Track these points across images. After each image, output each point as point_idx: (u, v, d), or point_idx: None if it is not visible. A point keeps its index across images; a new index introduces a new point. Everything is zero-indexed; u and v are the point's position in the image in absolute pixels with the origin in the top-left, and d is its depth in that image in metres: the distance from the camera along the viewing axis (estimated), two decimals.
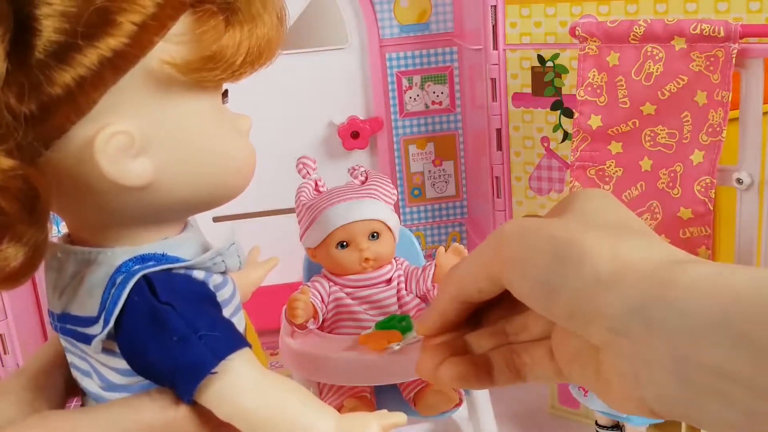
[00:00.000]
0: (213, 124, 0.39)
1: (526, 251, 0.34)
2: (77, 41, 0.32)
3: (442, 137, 1.18)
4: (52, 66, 0.32)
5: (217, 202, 0.41)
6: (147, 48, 0.34)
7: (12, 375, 0.42)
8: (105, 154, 0.35)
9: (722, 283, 0.28)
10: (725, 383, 0.27)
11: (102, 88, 0.34)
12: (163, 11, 0.34)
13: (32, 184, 0.33)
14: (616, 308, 0.30)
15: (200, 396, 0.37)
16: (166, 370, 0.37)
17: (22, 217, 0.33)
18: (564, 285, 0.32)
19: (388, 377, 0.77)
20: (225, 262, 0.40)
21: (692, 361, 0.28)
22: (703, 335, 0.28)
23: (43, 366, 0.43)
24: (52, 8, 0.32)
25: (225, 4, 0.36)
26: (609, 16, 0.90)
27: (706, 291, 0.28)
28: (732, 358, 0.27)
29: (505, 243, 0.35)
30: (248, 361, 0.38)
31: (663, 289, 0.29)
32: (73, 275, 0.39)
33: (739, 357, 0.27)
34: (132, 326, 0.37)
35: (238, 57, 0.36)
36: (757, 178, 0.80)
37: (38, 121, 0.33)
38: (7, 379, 0.42)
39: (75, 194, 0.37)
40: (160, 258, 0.38)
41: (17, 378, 0.42)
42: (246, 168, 0.41)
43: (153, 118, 0.36)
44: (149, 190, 0.37)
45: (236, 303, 0.42)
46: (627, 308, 0.30)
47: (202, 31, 0.35)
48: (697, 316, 0.28)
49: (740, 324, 0.27)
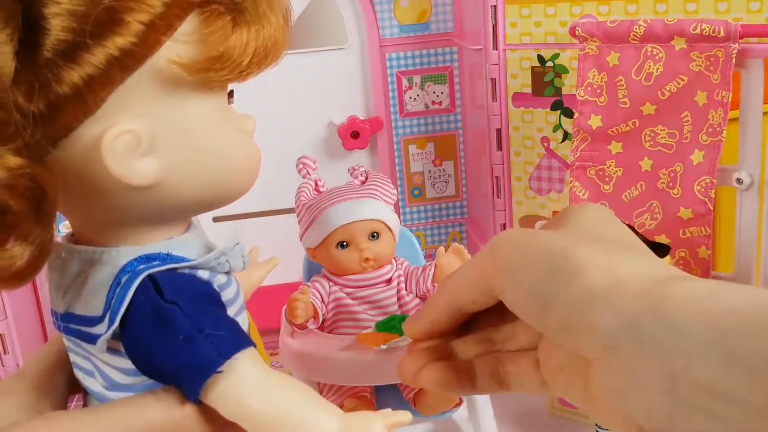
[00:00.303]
0: (219, 124, 0.39)
1: (520, 262, 0.34)
2: (85, 40, 0.33)
3: (442, 137, 1.18)
4: (61, 65, 0.33)
5: (222, 202, 0.41)
6: (154, 47, 0.35)
7: (13, 376, 0.42)
8: (112, 153, 0.35)
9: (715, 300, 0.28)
10: (718, 402, 0.27)
11: (110, 87, 0.34)
12: (170, 11, 0.34)
13: (39, 183, 0.33)
14: (608, 323, 0.30)
15: (205, 395, 0.37)
16: (171, 369, 0.37)
17: (28, 215, 0.33)
18: (557, 297, 0.32)
19: (388, 377, 0.77)
20: (229, 262, 0.41)
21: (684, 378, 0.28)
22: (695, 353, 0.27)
23: (45, 366, 0.43)
24: (60, 7, 0.32)
25: (232, 5, 0.36)
26: (609, 16, 0.90)
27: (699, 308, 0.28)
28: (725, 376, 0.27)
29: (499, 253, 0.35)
30: (253, 360, 0.38)
31: (656, 306, 0.29)
32: (77, 275, 0.39)
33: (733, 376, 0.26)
34: (137, 325, 0.37)
35: (245, 57, 0.36)
36: (757, 178, 0.80)
37: (46, 120, 0.33)
38: (9, 381, 0.42)
39: (81, 193, 0.37)
40: (164, 257, 0.39)
41: (19, 379, 0.42)
42: (251, 168, 0.41)
43: (160, 118, 0.36)
44: (155, 190, 0.37)
45: (240, 303, 0.42)
46: (619, 324, 0.30)
47: (210, 31, 0.35)
48: (690, 334, 0.28)
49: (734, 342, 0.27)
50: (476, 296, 0.37)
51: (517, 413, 1.02)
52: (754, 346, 0.26)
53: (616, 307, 0.30)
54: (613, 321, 0.30)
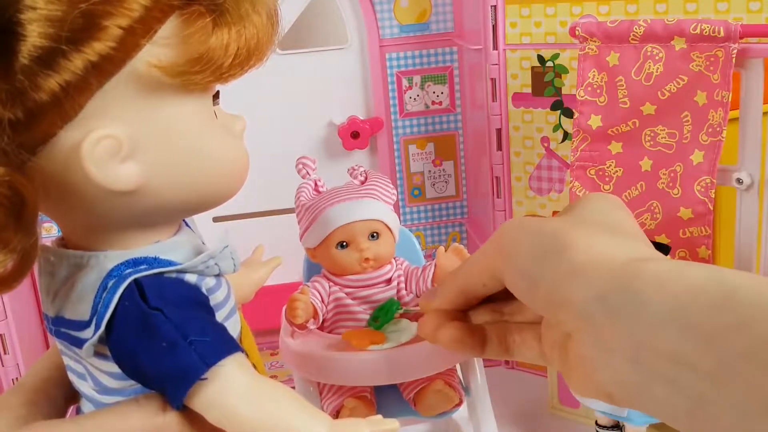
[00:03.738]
0: (202, 127, 0.38)
1: (517, 245, 0.36)
2: (63, 46, 0.32)
3: (442, 137, 1.18)
4: (38, 71, 0.32)
5: (210, 205, 0.40)
6: (134, 52, 0.34)
7: (9, 391, 0.42)
8: (92, 158, 0.34)
9: (679, 277, 0.31)
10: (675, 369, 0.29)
11: (88, 93, 0.34)
12: (150, 14, 0.34)
13: (18, 191, 0.32)
14: (583, 297, 0.32)
15: (191, 401, 0.37)
16: (156, 375, 0.37)
17: (8, 223, 0.32)
18: (544, 275, 0.35)
19: (388, 377, 0.77)
20: (218, 265, 0.40)
21: (647, 348, 0.30)
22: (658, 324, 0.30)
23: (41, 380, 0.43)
24: (37, 13, 0.31)
25: (213, 5, 0.35)
26: (609, 16, 0.90)
27: (665, 284, 0.31)
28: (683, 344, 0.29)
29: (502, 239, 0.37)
30: (239, 366, 0.38)
31: (627, 281, 0.32)
32: (66, 279, 0.39)
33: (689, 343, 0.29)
34: (122, 331, 0.37)
35: (226, 59, 0.35)
36: (757, 178, 0.80)
37: (24, 127, 0.33)
38: (4, 395, 0.42)
39: (63, 199, 0.36)
40: (152, 261, 0.38)
41: (14, 394, 0.42)
42: (237, 170, 0.40)
43: (140, 122, 0.36)
44: (138, 194, 0.36)
45: (231, 306, 0.42)
46: (592, 296, 0.32)
47: (190, 33, 0.35)
48: (655, 305, 0.30)
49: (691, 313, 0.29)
50: (486, 281, 0.39)
51: (517, 413, 1.02)
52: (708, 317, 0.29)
53: (590, 283, 0.33)
54: (587, 293, 0.32)
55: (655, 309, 0.30)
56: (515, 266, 0.36)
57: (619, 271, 0.32)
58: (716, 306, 0.29)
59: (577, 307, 0.33)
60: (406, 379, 0.80)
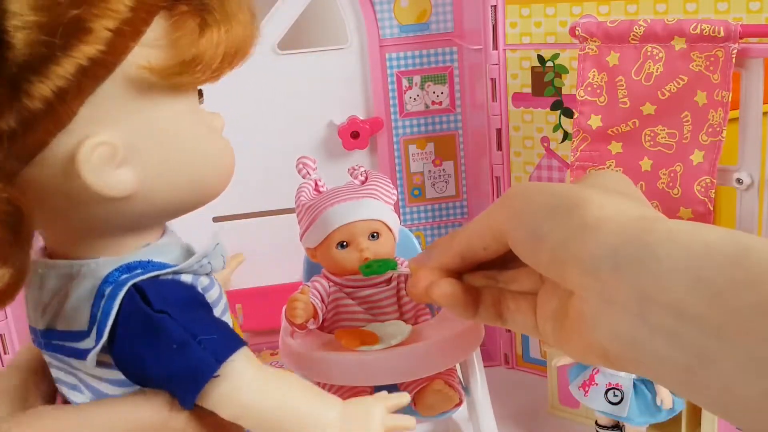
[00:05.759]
0: (193, 126, 0.38)
1: (526, 204, 0.35)
2: (52, 52, 0.32)
3: (442, 137, 1.18)
4: (29, 79, 0.32)
5: (201, 203, 0.40)
6: (123, 54, 0.34)
7: (3, 372, 0.42)
8: (89, 166, 0.34)
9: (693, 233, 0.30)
10: (679, 322, 0.29)
11: (81, 98, 0.33)
12: (136, 15, 0.34)
13: (16, 205, 0.32)
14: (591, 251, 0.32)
15: (203, 400, 0.37)
16: (166, 378, 0.37)
17: (7, 238, 0.32)
18: (552, 231, 0.34)
19: (388, 377, 0.77)
20: (211, 263, 0.40)
21: (652, 300, 0.29)
22: (666, 276, 0.29)
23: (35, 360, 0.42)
24: (22, 20, 0.31)
25: (200, 5, 0.35)
26: (609, 16, 0.90)
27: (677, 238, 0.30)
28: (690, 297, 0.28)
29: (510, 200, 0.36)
30: (247, 359, 0.38)
31: (638, 236, 0.31)
32: (56, 290, 0.38)
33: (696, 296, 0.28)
34: (127, 337, 0.37)
35: (216, 59, 0.36)
36: (757, 178, 0.80)
37: (18, 137, 0.32)
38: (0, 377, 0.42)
39: (56, 207, 0.36)
40: (146, 265, 0.38)
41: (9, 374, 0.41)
42: (226, 165, 0.41)
43: (134, 126, 0.36)
44: (132, 198, 0.36)
45: (224, 303, 0.42)
46: (601, 251, 0.31)
47: (179, 35, 0.35)
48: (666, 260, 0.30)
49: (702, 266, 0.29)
50: (488, 243, 0.38)
51: (517, 413, 1.02)
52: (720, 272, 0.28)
53: (602, 238, 0.32)
54: (596, 249, 0.32)
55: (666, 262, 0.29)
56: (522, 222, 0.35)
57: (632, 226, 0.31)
58: (729, 262, 0.28)
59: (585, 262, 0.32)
60: (406, 379, 0.80)
